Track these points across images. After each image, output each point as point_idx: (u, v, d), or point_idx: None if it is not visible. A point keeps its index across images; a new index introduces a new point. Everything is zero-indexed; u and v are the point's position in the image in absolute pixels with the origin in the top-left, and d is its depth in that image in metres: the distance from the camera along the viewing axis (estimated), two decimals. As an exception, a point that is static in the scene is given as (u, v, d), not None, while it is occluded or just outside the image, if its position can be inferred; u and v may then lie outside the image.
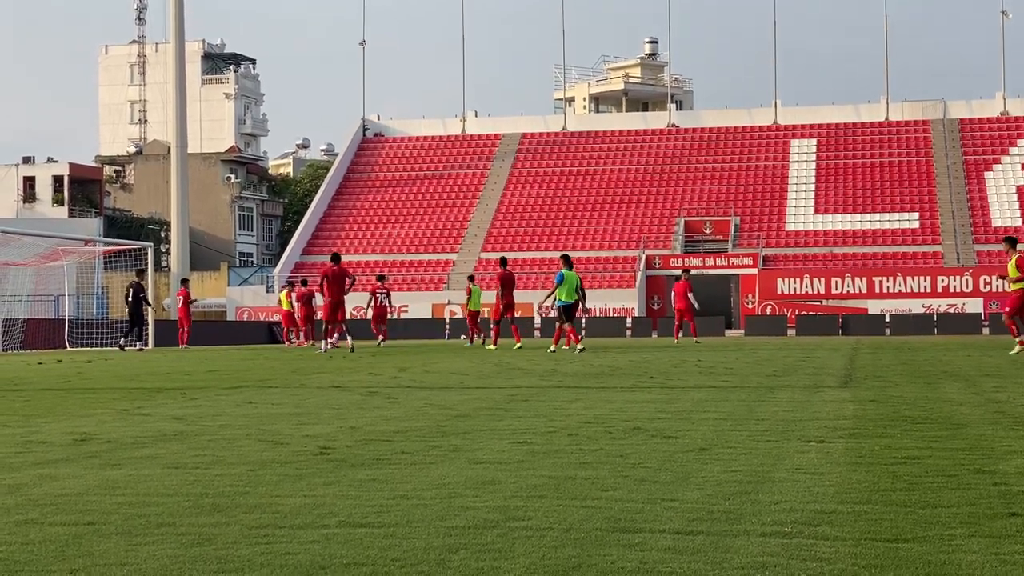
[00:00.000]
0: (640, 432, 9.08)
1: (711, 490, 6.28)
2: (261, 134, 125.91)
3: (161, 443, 8.82)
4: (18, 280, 41.52)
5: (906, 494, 6.09)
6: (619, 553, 4.81)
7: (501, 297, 31.56)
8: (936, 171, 70.27)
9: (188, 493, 6.40)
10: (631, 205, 70.98)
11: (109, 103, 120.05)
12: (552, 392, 13.71)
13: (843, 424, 9.51)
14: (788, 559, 4.68)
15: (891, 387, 13.69)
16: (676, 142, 75.87)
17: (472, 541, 5.05)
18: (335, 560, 4.75)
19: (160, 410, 11.74)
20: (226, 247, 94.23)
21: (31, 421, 10.80)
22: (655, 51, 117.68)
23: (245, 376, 17.91)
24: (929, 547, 4.87)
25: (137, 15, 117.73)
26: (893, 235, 65.91)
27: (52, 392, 14.93)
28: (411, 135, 79.96)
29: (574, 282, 27.66)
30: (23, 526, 5.53)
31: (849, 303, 59.70)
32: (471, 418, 10.49)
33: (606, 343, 36.44)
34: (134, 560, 4.79)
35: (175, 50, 67.05)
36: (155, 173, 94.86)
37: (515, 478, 6.79)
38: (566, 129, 78.35)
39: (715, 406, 11.33)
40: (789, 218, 68.34)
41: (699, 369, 18.26)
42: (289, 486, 6.62)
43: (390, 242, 70.53)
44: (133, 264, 44.66)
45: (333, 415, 10.96)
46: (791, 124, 75.37)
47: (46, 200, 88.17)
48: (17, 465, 7.70)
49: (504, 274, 31.93)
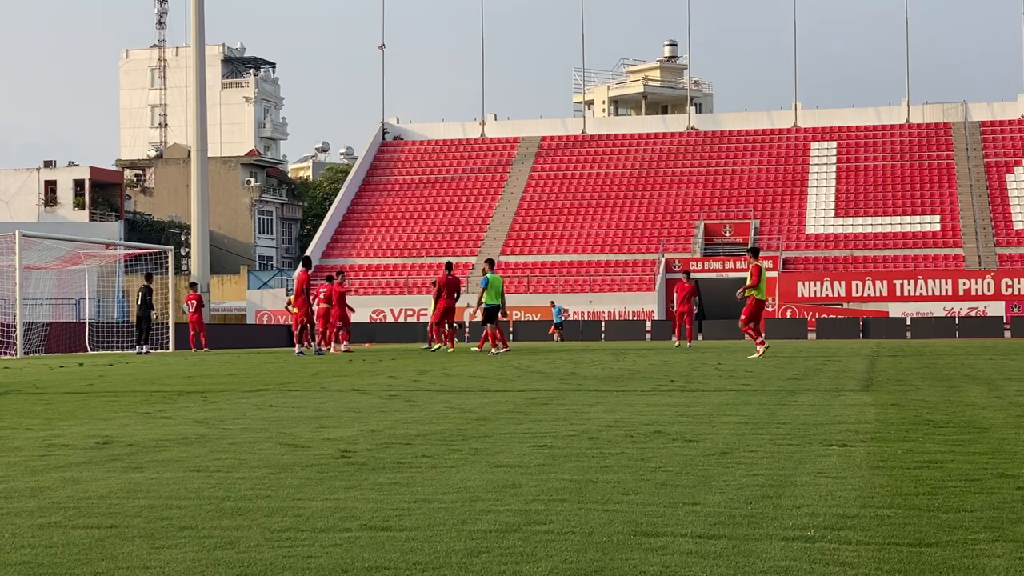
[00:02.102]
0: (661, 436, 9.06)
1: (733, 494, 6.26)
2: (281, 138, 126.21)
3: (183, 446, 8.84)
4: (40, 283, 41.69)
5: (929, 498, 6.06)
6: (641, 557, 4.80)
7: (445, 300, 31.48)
8: (957, 174, 70.02)
9: (210, 496, 6.41)
10: (651, 208, 70.91)
11: (130, 107, 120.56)
12: (572, 395, 13.69)
13: (865, 428, 9.47)
14: (811, 563, 4.66)
15: (913, 391, 13.64)
16: (696, 145, 75.77)
17: (494, 545, 5.05)
18: (357, 563, 4.75)
19: (181, 413, 11.77)
20: (246, 250, 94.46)
21: (53, 424, 10.84)
22: (675, 54, 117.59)
23: (265, 379, 17.94)
24: (953, 552, 4.85)
25: (158, 19, 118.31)
26: (914, 238, 65.69)
27: (74, 395, 14.98)
28: (430, 138, 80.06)
29: (499, 285, 27.93)
30: (46, 529, 5.55)
31: (870, 306, 59.53)
32: (491, 421, 10.49)
33: (625, 346, 36.39)
34: (157, 563, 4.80)
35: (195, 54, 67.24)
36: (175, 177, 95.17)
37: (536, 482, 6.78)
38: (585, 132, 78.34)
39: (736, 410, 11.30)
40: (809, 221, 68.18)
41: (719, 373, 18.22)
42: (310, 489, 6.62)
43: (409, 245, 70.61)
44: (154, 268, 44.85)
45: (353, 418, 10.97)
46: (811, 127, 75.22)
47: (67, 204, 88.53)
48: (40, 468, 7.73)
49: (449, 278, 31.99)
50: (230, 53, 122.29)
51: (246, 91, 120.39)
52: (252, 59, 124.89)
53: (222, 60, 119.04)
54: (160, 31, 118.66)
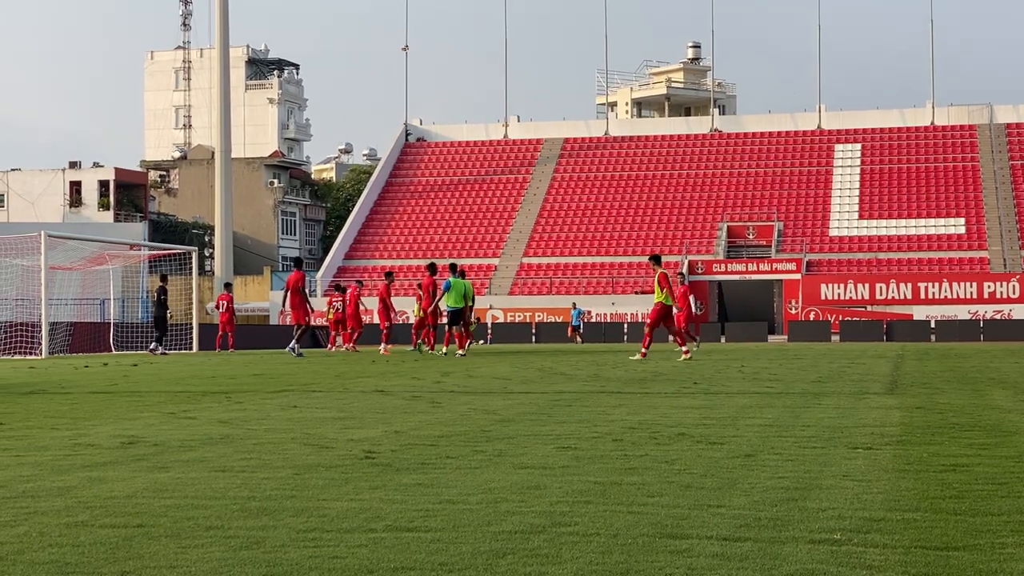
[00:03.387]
0: (685, 438, 9.05)
1: (758, 496, 6.25)
2: (304, 139, 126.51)
3: (208, 446, 8.87)
4: (64, 284, 41.88)
5: (956, 502, 6.04)
6: (666, 559, 4.79)
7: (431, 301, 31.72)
8: (983, 176, 69.68)
9: (235, 496, 6.44)
10: (674, 210, 70.80)
11: (154, 108, 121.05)
12: (595, 397, 13.68)
13: (890, 431, 9.44)
14: (837, 567, 4.65)
15: (938, 394, 13.58)
16: (719, 147, 75.62)
17: (519, 546, 5.05)
18: (383, 564, 4.76)
19: (206, 414, 11.81)
20: (269, 251, 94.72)
21: (79, 424, 10.89)
22: (698, 55, 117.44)
23: (289, 380, 17.98)
24: (980, 555, 4.83)
25: (182, 21, 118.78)
26: (939, 240, 65.39)
27: (99, 395, 15.05)
28: (453, 140, 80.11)
29: (462, 288, 28.78)
30: (73, 528, 5.58)
31: (894, 309, 59.27)
32: (515, 423, 10.49)
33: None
34: (184, 563, 4.82)
35: (220, 55, 67.45)
36: (199, 178, 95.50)
37: (560, 483, 6.78)
38: (608, 134, 78.27)
39: (760, 412, 11.27)
40: (833, 223, 67.94)
41: (743, 375, 18.18)
42: (335, 490, 6.64)
43: (432, 247, 70.67)
44: (178, 268, 44.99)
45: (377, 419, 10.99)
46: (835, 129, 74.97)
47: (92, 205, 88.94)
48: (66, 467, 7.77)
49: (432, 281, 32.25)
50: (254, 54, 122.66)
51: (270, 92, 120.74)
52: (276, 60, 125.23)
53: (246, 61, 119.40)
54: (185, 33, 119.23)
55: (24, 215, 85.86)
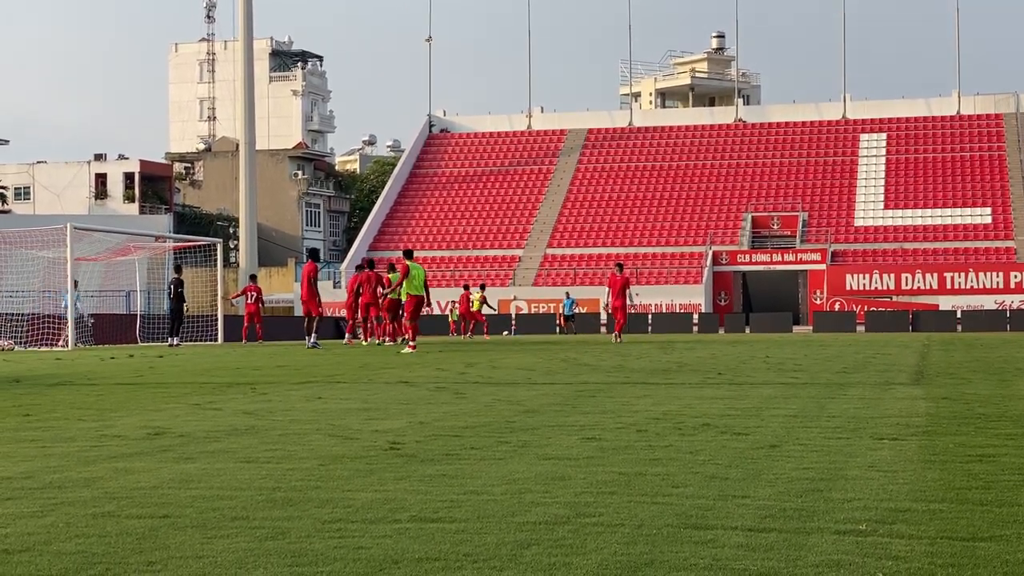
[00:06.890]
0: (709, 428, 9.04)
1: (783, 487, 6.23)
2: (328, 131, 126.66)
3: (233, 437, 8.90)
4: (90, 276, 42.07)
5: (982, 492, 6.01)
6: (691, 550, 4.78)
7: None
8: (1009, 165, 69.27)
9: (261, 487, 6.46)
10: (698, 200, 70.64)
11: (179, 100, 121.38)
12: (619, 388, 13.66)
13: (916, 421, 9.40)
14: (863, 557, 4.63)
15: (964, 384, 13.51)
16: (743, 137, 75.39)
17: (544, 537, 5.05)
18: (408, 555, 4.77)
19: (231, 405, 11.85)
20: (293, 243, 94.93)
21: (105, 415, 10.94)
22: (722, 45, 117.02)
23: (313, 371, 18.03)
24: (1007, 546, 4.80)
25: (206, 13, 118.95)
26: (965, 230, 65.06)
27: (125, 387, 15.12)
28: (477, 131, 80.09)
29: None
30: (100, 519, 5.61)
31: (920, 299, 59.01)
32: (539, 414, 10.49)
33: (672, 338, 36.27)
34: (209, 553, 4.84)
35: (243, 47, 67.61)
36: (224, 170, 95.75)
37: (585, 474, 6.78)
38: (632, 124, 78.12)
39: (785, 403, 11.24)
40: (858, 213, 67.67)
41: (767, 365, 18.13)
42: (360, 481, 6.65)
43: (456, 238, 70.70)
44: (203, 260, 45.11)
45: (402, 410, 11.00)
46: (861, 119, 74.63)
47: (117, 197, 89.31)
48: (93, 459, 7.81)
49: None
50: (278, 46, 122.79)
51: (294, 84, 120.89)
52: (300, 52, 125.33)
53: (270, 53, 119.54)
54: (209, 25, 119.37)
55: (50, 207, 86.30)
